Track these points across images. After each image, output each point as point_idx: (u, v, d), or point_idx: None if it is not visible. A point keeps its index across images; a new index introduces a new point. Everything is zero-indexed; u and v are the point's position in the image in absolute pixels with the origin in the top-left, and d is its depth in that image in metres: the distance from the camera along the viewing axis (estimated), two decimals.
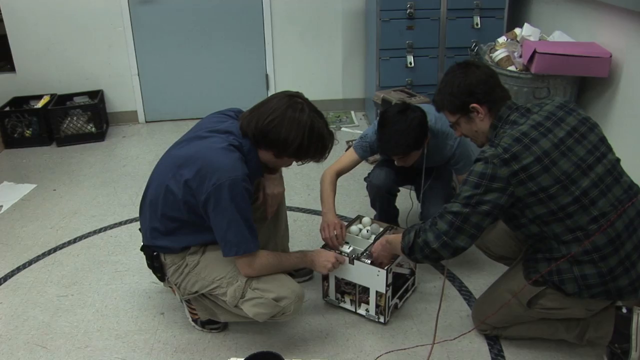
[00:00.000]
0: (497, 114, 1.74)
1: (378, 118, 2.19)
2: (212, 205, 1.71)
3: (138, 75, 4.13)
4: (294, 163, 1.88)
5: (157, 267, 1.96)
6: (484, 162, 1.63)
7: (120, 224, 2.91)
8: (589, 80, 2.93)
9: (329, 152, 1.83)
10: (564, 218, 1.62)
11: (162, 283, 2.06)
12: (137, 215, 2.90)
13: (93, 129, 3.93)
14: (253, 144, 1.79)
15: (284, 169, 2.07)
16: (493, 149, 1.63)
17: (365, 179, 2.48)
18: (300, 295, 1.84)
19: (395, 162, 2.24)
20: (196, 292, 1.93)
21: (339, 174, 2.32)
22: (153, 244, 1.92)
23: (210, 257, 1.89)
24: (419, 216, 2.53)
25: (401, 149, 2.14)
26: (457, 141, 2.25)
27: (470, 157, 2.29)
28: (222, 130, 1.83)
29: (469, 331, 1.99)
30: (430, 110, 2.20)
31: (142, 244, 2.00)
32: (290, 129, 1.72)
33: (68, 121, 3.88)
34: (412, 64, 3.64)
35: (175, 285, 1.96)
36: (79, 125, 3.90)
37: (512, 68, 2.91)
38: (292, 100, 1.76)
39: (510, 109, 1.73)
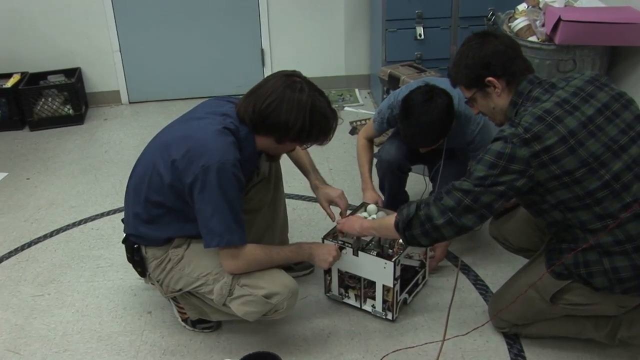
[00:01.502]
0: (517, 89, 1.72)
1: (401, 106, 2.18)
2: (197, 189, 1.72)
3: (120, 51, 4.10)
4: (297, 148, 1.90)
5: (137, 261, 1.96)
6: (503, 141, 1.61)
7: (102, 215, 2.91)
8: (621, 50, 2.88)
9: (333, 132, 1.84)
10: (592, 204, 1.61)
11: (143, 279, 2.06)
12: (121, 205, 2.92)
13: (70, 111, 3.92)
14: (252, 130, 1.80)
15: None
16: (513, 128, 1.62)
17: (375, 156, 2.49)
18: (293, 290, 1.84)
19: (421, 150, 2.28)
20: (180, 290, 1.93)
21: (371, 140, 2.47)
22: (134, 232, 1.93)
23: (195, 252, 1.89)
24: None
25: (430, 141, 2.17)
26: (479, 127, 2.25)
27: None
28: (220, 112, 1.85)
29: (482, 325, 1.99)
30: (453, 89, 2.18)
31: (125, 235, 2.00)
32: (290, 110, 1.73)
33: (42, 102, 3.86)
34: (422, 36, 3.61)
35: (158, 282, 1.97)
36: (54, 107, 3.88)
37: (533, 39, 2.88)
38: (290, 79, 1.76)
39: (532, 84, 1.71)
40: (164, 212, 1.85)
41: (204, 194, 1.71)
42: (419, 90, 2.16)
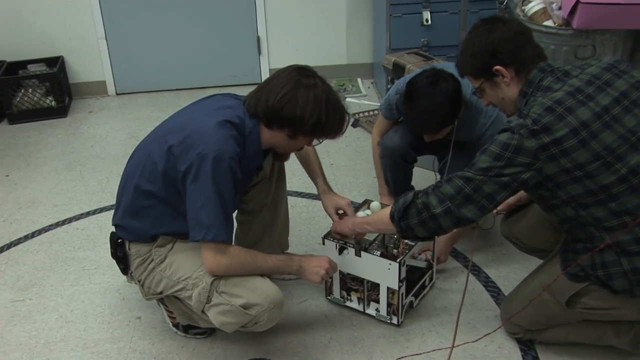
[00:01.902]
0: (527, 78, 1.71)
1: (405, 89, 2.19)
2: (191, 177, 1.73)
3: (105, 38, 4.10)
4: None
5: (120, 257, 1.97)
6: (509, 132, 1.61)
7: (87, 214, 2.91)
8: None
9: (347, 125, 1.89)
10: (607, 200, 1.61)
11: (125, 277, 2.06)
12: (108, 204, 2.94)
13: (53, 103, 3.92)
14: (265, 124, 1.83)
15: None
16: (520, 119, 1.62)
17: (378, 144, 2.50)
18: (276, 301, 1.83)
19: (425, 138, 2.29)
20: (161, 292, 1.94)
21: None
22: (120, 222, 1.94)
23: (178, 253, 1.90)
24: None
25: (433, 127, 2.18)
26: (490, 121, 2.25)
27: None
28: (224, 106, 1.88)
29: (494, 330, 1.99)
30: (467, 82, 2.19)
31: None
32: (306, 102, 1.77)
33: (22, 94, 3.86)
34: (429, 21, 3.60)
35: (139, 282, 1.98)
36: (35, 98, 3.88)
37: (548, 23, 2.87)
38: (303, 72, 1.81)
39: (543, 72, 1.71)
40: (152, 204, 1.86)
41: (197, 183, 1.73)
42: (424, 73, 2.17)
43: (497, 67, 1.73)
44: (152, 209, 1.87)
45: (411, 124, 2.23)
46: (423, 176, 2.76)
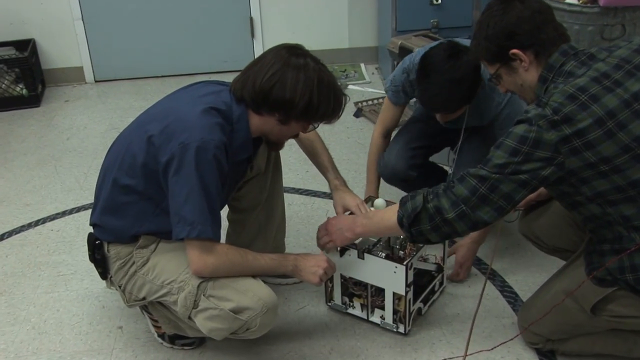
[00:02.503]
0: (548, 62, 1.71)
1: (420, 64, 2.17)
2: (173, 169, 1.74)
3: (82, 19, 4.09)
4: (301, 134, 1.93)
5: (98, 260, 1.97)
6: (527, 123, 1.60)
7: (63, 214, 2.91)
8: None
9: (343, 108, 1.89)
10: (638, 197, 1.61)
11: (105, 282, 2.07)
12: (87, 202, 2.94)
13: (24, 91, 3.92)
14: (253, 109, 1.83)
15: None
16: (539, 109, 1.61)
17: (378, 162, 2.52)
18: (269, 305, 1.83)
19: (438, 118, 2.28)
20: (143, 298, 1.94)
21: (388, 133, 2.50)
22: (97, 221, 1.95)
23: (162, 254, 1.90)
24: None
25: (454, 104, 2.16)
26: (506, 99, 2.24)
27: None
28: (209, 92, 1.88)
29: (511, 339, 1.99)
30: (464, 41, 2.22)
31: None
32: (295, 83, 1.77)
33: None
34: (439, 0, 3.60)
35: (119, 287, 1.98)
36: (3, 86, 3.88)
37: (572, 0, 2.87)
38: (293, 51, 1.81)
39: (565, 56, 1.70)
40: (132, 199, 1.87)
41: (179, 176, 1.73)
42: (442, 46, 2.15)
43: (514, 50, 1.72)
44: (132, 206, 1.87)
45: (428, 102, 2.19)
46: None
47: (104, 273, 2.00)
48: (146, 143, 1.80)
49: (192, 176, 1.72)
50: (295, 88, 1.77)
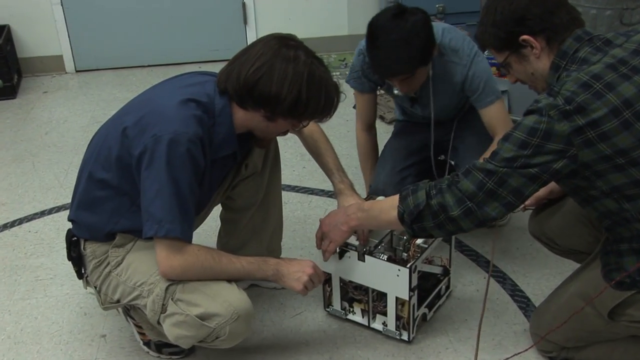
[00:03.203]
0: (561, 49, 1.71)
1: (367, 32, 2.18)
2: (145, 163, 1.75)
3: (61, 4, 4.09)
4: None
5: (74, 259, 1.99)
6: (538, 114, 1.60)
7: (42, 214, 2.91)
8: None
9: (335, 106, 1.87)
10: None
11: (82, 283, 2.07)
12: (67, 201, 2.93)
13: None
14: (237, 103, 1.83)
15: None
16: (550, 98, 1.61)
17: (369, 189, 2.55)
18: (241, 312, 1.82)
19: (396, 90, 2.28)
20: (118, 301, 1.95)
21: (370, 126, 2.57)
22: (73, 217, 1.97)
23: (137, 254, 1.90)
24: None
25: (405, 64, 2.13)
26: (470, 59, 2.27)
27: (490, 80, 2.30)
28: (192, 83, 1.88)
29: (526, 350, 1.99)
30: (437, 25, 2.25)
31: None
32: (283, 77, 1.75)
33: None
34: None
35: (95, 288, 1.99)
36: None
37: None
38: (283, 42, 1.80)
39: (579, 41, 1.69)
40: (107, 195, 1.87)
41: (150, 170, 1.74)
42: (386, 9, 2.18)
43: (525, 36, 1.71)
44: (107, 201, 1.88)
45: (380, 67, 2.20)
46: None
47: (79, 272, 2.01)
48: (121, 135, 1.81)
49: (162, 171, 1.72)
50: (282, 82, 1.75)
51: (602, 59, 1.64)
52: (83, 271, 2.01)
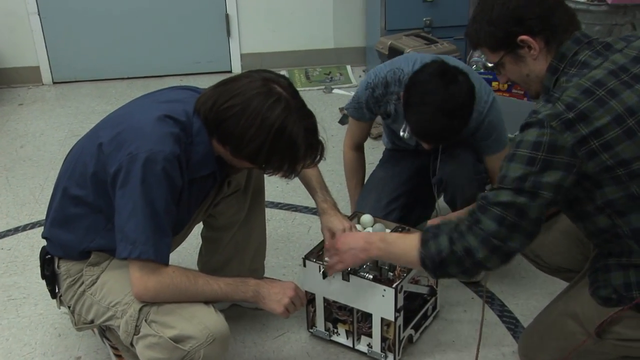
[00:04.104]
0: (559, 51, 1.70)
1: (408, 88, 2.14)
2: (120, 182, 1.74)
3: (38, 13, 4.08)
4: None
5: (48, 277, 1.98)
6: (538, 126, 1.59)
7: (16, 230, 2.89)
8: None
9: (300, 168, 1.84)
10: None
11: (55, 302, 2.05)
12: (42, 217, 2.90)
13: None
14: (207, 131, 1.82)
15: None
16: (550, 106, 1.59)
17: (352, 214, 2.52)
18: (217, 335, 1.79)
19: (426, 147, 2.26)
20: (92, 321, 1.93)
21: (359, 145, 2.58)
22: (47, 234, 1.96)
23: (112, 273, 1.89)
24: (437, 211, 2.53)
25: (448, 138, 2.16)
26: (487, 106, 2.26)
27: (503, 129, 2.31)
28: (173, 99, 1.87)
29: None
30: (449, 59, 2.24)
31: None
32: (250, 123, 1.73)
33: None
34: None
35: (69, 308, 1.97)
36: None
37: None
38: (268, 85, 1.76)
39: (578, 44, 1.69)
40: (82, 212, 1.87)
41: (125, 189, 1.73)
42: (431, 68, 2.13)
43: (524, 37, 1.69)
44: (82, 219, 1.87)
45: (420, 131, 2.16)
46: None
47: (53, 291, 2.00)
48: (97, 151, 1.80)
49: (137, 190, 1.71)
50: (246, 129, 1.72)
51: (602, 63, 1.63)
52: (57, 290, 1.99)
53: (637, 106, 1.58)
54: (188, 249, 2.50)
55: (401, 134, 2.32)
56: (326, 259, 2.06)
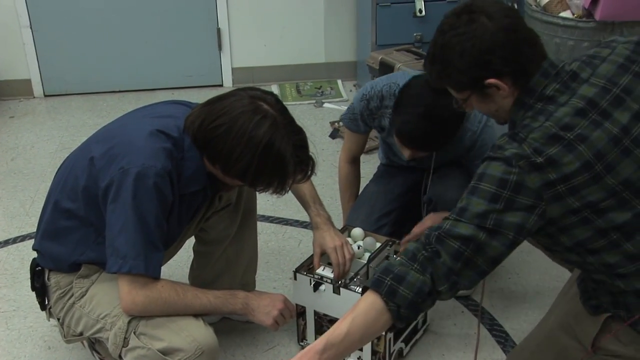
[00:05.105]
0: (527, 86, 1.62)
1: (401, 92, 2.16)
2: (111, 196, 1.75)
3: (30, 27, 4.08)
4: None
5: (38, 289, 1.98)
6: (505, 163, 1.52)
7: (5, 243, 2.88)
8: None
9: (290, 184, 1.84)
10: (621, 241, 1.55)
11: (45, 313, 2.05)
12: (33, 230, 2.90)
13: None
14: (197, 149, 1.82)
15: None
16: (515, 144, 1.53)
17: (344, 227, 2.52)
18: (204, 347, 1.80)
19: (405, 154, 2.24)
20: (81, 334, 1.94)
21: (355, 159, 2.59)
22: (38, 246, 1.96)
23: (101, 286, 1.90)
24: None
25: (434, 147, 2.17)
26: (481, 126, 2.26)
27: None
28: (165, 114, 1.88)
29: None
30: None
31: None
32: (237, 142, 1.73)
33: None
34: (423, 12, 3.65)
35: (58, 320, 1.97)
36: None
37: (566, 14, 2.92)
38: (255, 103, 1.76)
39: (546, 77, 1.61)
40: (73, 225, 1.87)
41: (116, 204, 1.74)
42: (425, 77, 2.14)
43: (491, 80, 1.61)
44: (73, 232, 1.87)
45: (405, 137, 2.15)
46: None
47: (43, 303, 2.00)
48: (88, 164, 1.81)
49: (128, 205, 1.72)
50: (234, 147, 1.73)
51: (569, 100, 1.57)
52: (47, 302, 1.99)
53: (606, 148, 1.51)
54: (179, 262, 2.49)
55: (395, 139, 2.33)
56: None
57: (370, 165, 3.23)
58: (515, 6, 3.74)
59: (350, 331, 1.55)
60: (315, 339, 2.18)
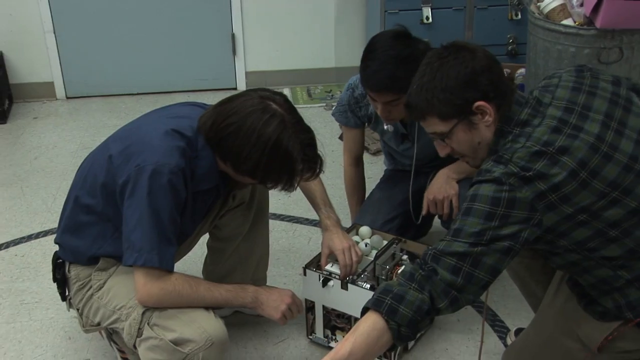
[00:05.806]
0: (507, 115, 1.64)
1: (366, 45, 2.16)
2: (128, 192, 1.77)
3: (54, 32, 4.10)
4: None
5: (59, 280, 2.00)
6: (495, 183, 1.53)
7: (29, 238, 2.89)
8: None
9: (299, 181, 1.85)
10: (621, 237, 1.58)
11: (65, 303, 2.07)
12: (54, 226, 2.92)
13: None
14: (210, 149, 1.84)
15: None
16: (501, 166, 1.55)
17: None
18: (215, 339, 1.80)
19: (378, 111, 2.20)
20: (99, 324, 1.95)
21: (357, 160, 2.59)
22: (59, 240, 1.98)
23: (119, 278, 1.91)
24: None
25: (395, 82, 2.04)
26: None
27: None
28: (180, 115, 1.90)
29: None
30: None
31: None
32: (246, 140, 1.75)
33: None
34: (430, 19, 3.65)
35: (77, 310, 2.00)
36: None
37: (568, 22, 2.91)
38: (264, 103, 1.77)
39: (520, 105, 1.65)
40: (91, 220, 1.89)
41: (132, 200, 1.75)
42: (393, 30, 2.15)
43: (480, 102, 1.62)
44: (91, 226, 1.89)
45: (368, 79, 2.11)
46: None
47: (63, 294, 2.02)
48: (107, 162, 1.83)
49: (143, 201, 1.73)
50: (243, 145, 1.75)
51: (542, 121, 1.60)
52: (67, 293, 2.02)
53: (587, 155, 1.55)
54: (194, 258, 2.50)
55: (385, 127, 2.33)
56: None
57: (376, 167, 3.24)
58: (519, 14, 3.76)
59: (353, 351, 1.54)
60: (324, 332, 2.20)
